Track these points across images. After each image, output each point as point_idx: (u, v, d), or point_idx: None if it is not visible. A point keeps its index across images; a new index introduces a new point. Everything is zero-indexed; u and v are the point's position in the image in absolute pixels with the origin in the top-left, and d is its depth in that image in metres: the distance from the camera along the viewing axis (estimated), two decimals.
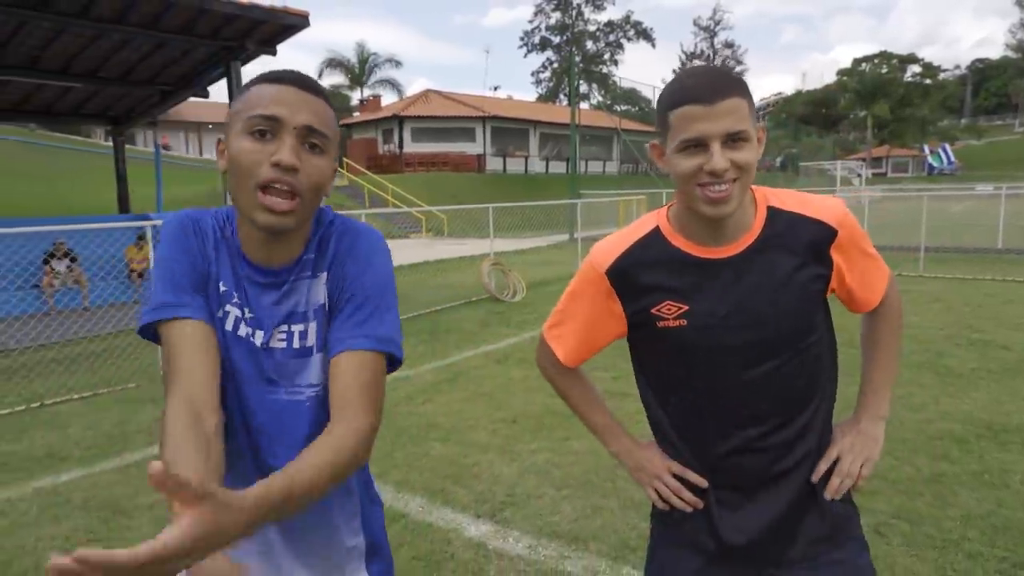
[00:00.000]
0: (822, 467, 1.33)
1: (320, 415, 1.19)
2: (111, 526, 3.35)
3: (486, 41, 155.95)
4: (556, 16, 59.03)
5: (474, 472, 3.89)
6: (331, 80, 47.57)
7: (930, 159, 61.98)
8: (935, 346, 6.27)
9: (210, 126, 41.53)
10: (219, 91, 50.23)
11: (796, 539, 1.33)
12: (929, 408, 4.62)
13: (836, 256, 1.28)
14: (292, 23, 10.46)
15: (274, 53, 11.37)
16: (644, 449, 1.45)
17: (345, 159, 30.83)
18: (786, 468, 1.31)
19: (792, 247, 1.27)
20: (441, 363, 6.42)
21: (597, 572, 2.87)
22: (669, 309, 1.30)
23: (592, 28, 59.25)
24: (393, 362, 1.20)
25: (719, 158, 1.15)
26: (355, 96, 47.96)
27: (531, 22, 66.86)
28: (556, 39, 59.49)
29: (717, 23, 71.66)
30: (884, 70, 71.87)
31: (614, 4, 58.45)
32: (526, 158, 38.32)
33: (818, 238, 1.27)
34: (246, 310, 1.20)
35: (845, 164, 51.62)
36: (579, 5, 58.23)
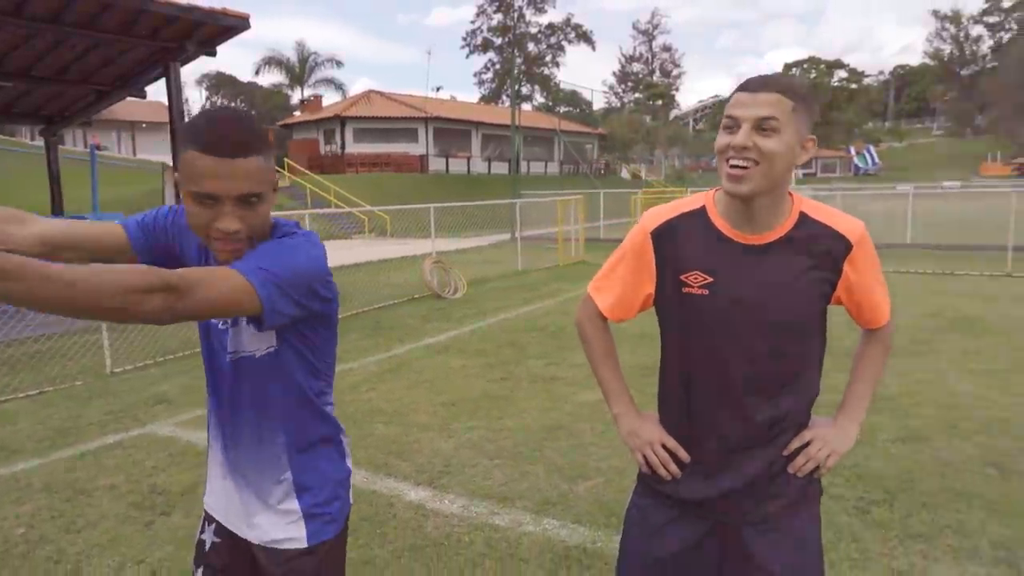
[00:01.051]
0: (794, 444, 1.53)
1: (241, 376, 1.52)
2: (74, 504, 3.59)
3: (429, 41, 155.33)
4: (498, 18, 59.54)
5: (414, 448, 4.26)
6: (270, 79, 46.96)
7: (856, 160, 64.93)
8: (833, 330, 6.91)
9: (144, 125, 40.46)
10: (155, 91, 48.82)
11: (759, 503, 1.53)
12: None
13: (848, 268, 1.47)
14: (232, 25, 10.58)
15: (214, 54, 11.45)
16: (644, 419, 1.64)
17: (286, 159, 30.57)
18: (764, 440, 1.51)
19: (812, 250, 1.46)
20: (384, 355, 6.74)
21: (522, 523, 3.28)
22: (696, 278, 1.49)
23: (533, 30, 59.95)
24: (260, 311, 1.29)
25: (743, 136, 1.36)
26: (295, 95, 47.41)
27: (473, 23, 67.08)
28: (498, 40, 59.96)
29: (655, 27, 73.40)
30: (813, 75, 74.80)
31: (555, 7, 59.80)
32: (468, 159, 38.66)
33: (835, 249, 1.46)
34: None
35: None
36: (520, 7, 58.84)
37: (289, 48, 50.28)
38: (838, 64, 76.02)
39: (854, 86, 76.40)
